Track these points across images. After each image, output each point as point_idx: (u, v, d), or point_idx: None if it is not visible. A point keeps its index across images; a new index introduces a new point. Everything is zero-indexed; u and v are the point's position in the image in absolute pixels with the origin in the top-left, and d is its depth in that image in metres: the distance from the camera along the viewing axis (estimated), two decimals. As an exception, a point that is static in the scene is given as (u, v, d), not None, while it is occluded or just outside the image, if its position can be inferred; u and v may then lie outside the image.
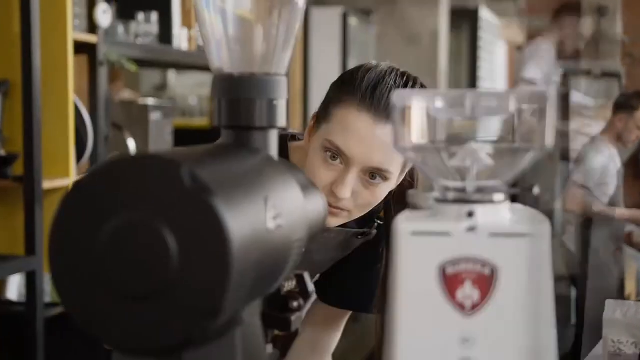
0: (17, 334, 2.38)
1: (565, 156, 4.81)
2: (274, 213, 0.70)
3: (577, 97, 5.03)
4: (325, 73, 4.54)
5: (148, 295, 0.61)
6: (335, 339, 1.53)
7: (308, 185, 0.87)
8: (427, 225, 0.69)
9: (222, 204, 0.61)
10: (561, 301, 4.03)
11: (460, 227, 0.68)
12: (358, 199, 1.27)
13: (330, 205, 1.26)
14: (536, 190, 0.73)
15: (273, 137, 0.83)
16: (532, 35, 9.72)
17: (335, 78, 1.35)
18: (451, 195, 0.71)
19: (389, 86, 1.24)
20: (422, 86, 1.31)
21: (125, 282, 0.61)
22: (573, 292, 4.18)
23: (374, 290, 1.41)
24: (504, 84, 9.15)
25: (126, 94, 3.94)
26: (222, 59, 0.83)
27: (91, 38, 2.62)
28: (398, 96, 0.71)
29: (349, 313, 1.54)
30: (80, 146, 2.57)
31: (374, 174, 1.25)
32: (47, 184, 2.39)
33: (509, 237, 0.67)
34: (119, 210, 0.61)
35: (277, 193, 0.72)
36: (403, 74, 1.29)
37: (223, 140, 0.83)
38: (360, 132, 1.22)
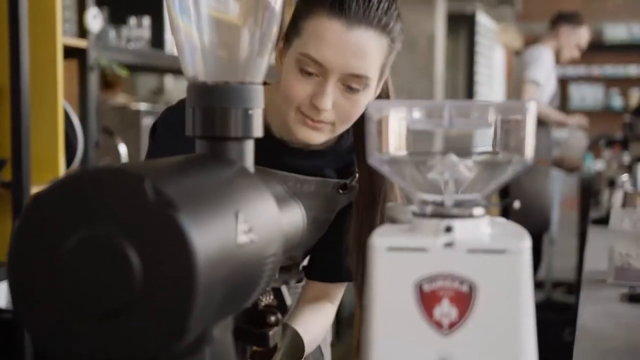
0: (6, 341, 2.35)
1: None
2: (246, 227, 0.67)
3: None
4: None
5: (110, 313, 0.59)
6: (328, 317, 1.47)
7: (284, 197, 0.84)
8: (403, 241, 0.66)
9: (187, 218, 0.58)
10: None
11: (438, 242, 0.66)
12: (339, 110, 1.25)
13: (312, 119, 1.25)
14: (516, 204, 0.71)
15: (249, 147, 0.80)
16: (529, 41, 9.73)
17: None
18: (429, 209, 0.69)
19: None
20: None
21: (86, 300, 0.59)
22: None
23: None
24: (502, 88, 9.14)
25: (121, 99, 3.92)
26: (196, 67, 0.80)
27: (81, 43, 2.60)
28: (373, 107, 0.69)
29: (341, 286, 1.49)
30: (70, 152, 2.54)
31: (352, 84, 1.23)
32: (35, 190, 2.37)
33: (488, 254, 0.65)
34: (80, 224, 0.59)
35: (250, 206, 0.70)
36: None
37: (198, 150, 0.81)
38: (333, 39, 1.20)
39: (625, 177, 3.07)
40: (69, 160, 2.54)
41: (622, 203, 2.90)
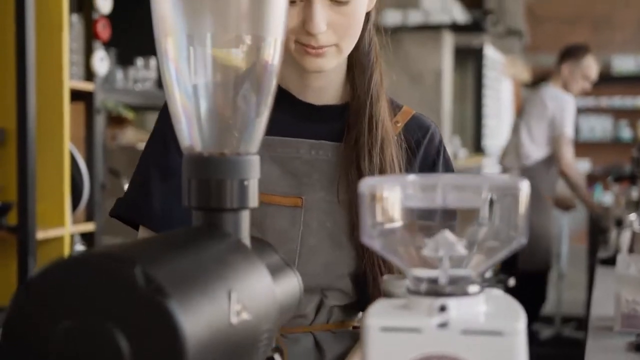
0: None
1: None
2: (239, 307, 0.67)
3: None
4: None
5: (100, 401, 0.58)
6: None
7: (280, 266, 0.84)
8: (397, 321, 0.66)
9: (177, 305, 0.58)
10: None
11: (432, 323, 0.65)
12: (337, 28, 1.16)
13: (312, 47, 1.16)
14: (511, 282, 0.70)
15: (244, 219, 0.80)
16: (537, 72, 9.75)
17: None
18: (423, 286, 0.68)
19: None
20: None
21: (76, 387, 0.58)
22: None
23: None
24: (510, 120, 9.14)
25: (130, 134, 3.93)
26: (192, 138, 0.80)
27: (88, 86, 2.61)
28: (365, 184, 0.69)
29: None
30: (76, 195, 2.55)
31: None
32: (41, 234, 2.37)
33: (483, 335, 0.64)
34: (70, 312, 0.59)
35: (244, 284, 0.69)
36: None
37: (194, 221, 0.80)
38: None
39: (633, 216, 3.05)
40: (75, 204, 2.55)
41: (630, 243, 2.88)
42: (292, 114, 1.27)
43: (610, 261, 2.85)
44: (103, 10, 2.62)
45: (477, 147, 7.27)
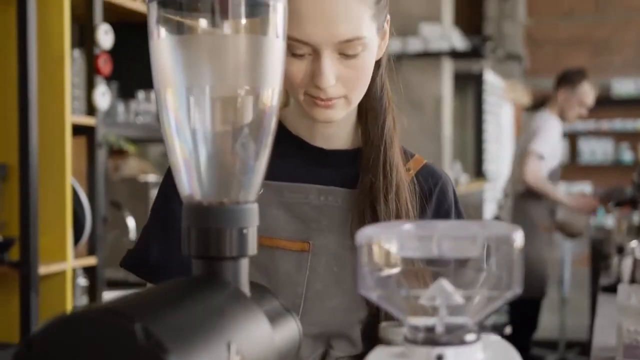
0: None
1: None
2: (238, 358, 0.68)
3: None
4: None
5: None
6: None
7: (279, 312, 0.84)
8: (394, 372, 0.66)
9: (177, 360, 0.59)
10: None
11: (429, 373, 0.66)
12: (346, 81, 1.15)
13: (321, 99, 1.15)
14: (507, 330, 0.71)
15: (244, 267, 0.81)
16: (537, 96, 9.79)
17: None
18: (420, 335, 0.69)
19: None
20: None
21: None
22: None
23: None
24: (510, 145, 9.16)
25: (133, 165, 3.95)
26: (191, 187, 0.81)
27: (89, 120, 2.63)
28: (362, 235, 0.70)
29: None
30: (78, 228, 2.56)
31: (347, 51, 1.13)
32: (43, 269, 2.38)
33: (479, 385, 0.65)
34: (71, 367, 0.60)
35: (242, 334, 0.70)
36: None
37: (193, 269, 0.81)
38: (310, 13, 1.10)
39: (634, 243, 3.06)
40: (77, 237, 2.56)
41: (632, 271, 2.88)
42: (302, 159, 1.26)
43: (612, 288, 2.85)
44: (104, 45, 2.64)
45: (478, 172, 7.28)
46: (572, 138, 9.98)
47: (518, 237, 0.68)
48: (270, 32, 0.80)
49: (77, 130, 2.59)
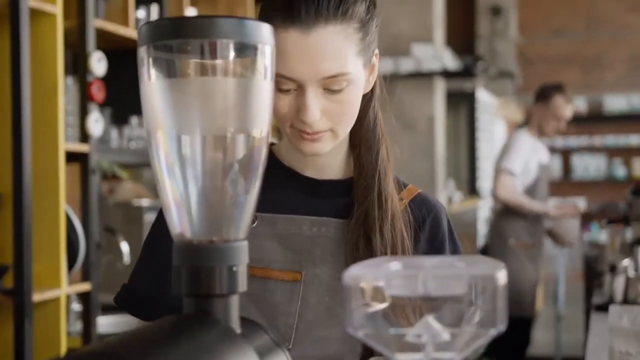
0: None
1: None
2: (228, 397, 0.69)
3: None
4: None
5: None
6: None
7: (270, 347, 0.86)
8: (382, 409, 0.68)
9: (167, 404, 0.60)
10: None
11: (416, 410, 0.67)
12: (331, 115, 1.16)
13: (307, 133, 1.16)
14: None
15: (234, 303, 0.82)
16: (529, 113, 9.84)
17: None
18: (408, 373, 0.70)
19: None
20: None
21: None
22: None
23: None
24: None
25: (128, 187, 3.95)
26: (182, 226, 0.83)
27: (83, 147, 2.65)
28: (349, 274, 0.71)
29: None
30: (72, 255, 2.56)
31: (332, 86, 1.14)
32: (37, 297, 2.38)
33: (465, 422, 0.66)
34: (64, 411, 0.61)
35: (233, 373, 0.71)
36: None
37: (184, 307, 0.83)
38: (295, 50, 1.12)
39: (626, 262, 3.07)
40: (71, 264, 2.56)
41: (624, 290, 2.90)
42: (295, 190, 1.27)
43: (605, 307, 2.86)
44: (97, 72, 2.66)
45: (471, 189, 7.31)
46: (565, 154, 10.04)
47: (501, 276, 0.69)
48: (259, 74, 0.81)
49: (71, 157, 2.60)
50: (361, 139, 1.27)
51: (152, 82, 0.81)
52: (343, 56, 1.13)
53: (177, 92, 0.81)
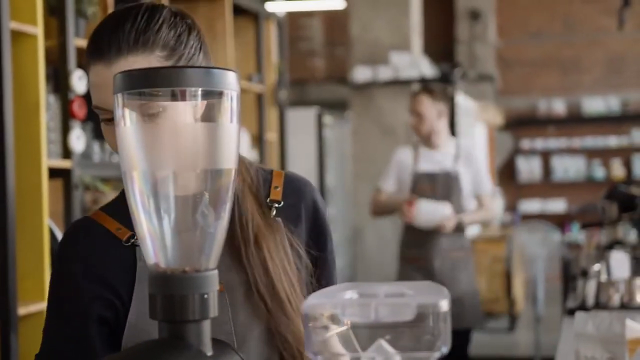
0: None
1: None
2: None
3: None
4: (303, 170, 4.65)
5: None
6: None
7: (241, 368, 0.93)
8: None
9: None
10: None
11: None
12: None
13: None
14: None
15: (206, 328, 0.89)
16: (510, 115, 9.95)
17: (313, 174, 1.36)
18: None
19: (116, 20, 1.20)
20: (174, 16, 1.22)
21: None
22: None
23: None
24: (484, 164, 9.28)
25: (111, 197, 4.00)
26: (157, 256, 0.90)
27: (65, 163, 2.71)
28: (308, 305, 0.78)
29: None
30: (56, 268, 2.62)
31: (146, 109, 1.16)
32: (22, 310, 2.44)
33: None
34: None
35: (203, 395, 0.78)
36: (130, 7, 1.21)
37: (159, 332, 0.90)
38: (101, 81, 1.18)
39: (597, 267, 3.15)
40: (55, 277, 2.62)
41: (596, 294, 2.97)
42: None
43: (576, 311, 2.94)
44: (78, 90, 2.73)
45: (452, 193, 7.38)
46: (545, 156, 10.16)
47: (444, 304, 0.76)
48: (225, 117, 0.88)
49: (54, 172, 2.66)
50: None
51: (127, 127, 0.88)
52: None
53: (150, 135, 0.88)
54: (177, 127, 0.89)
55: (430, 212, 3.97)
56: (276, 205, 1.30)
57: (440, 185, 4.06)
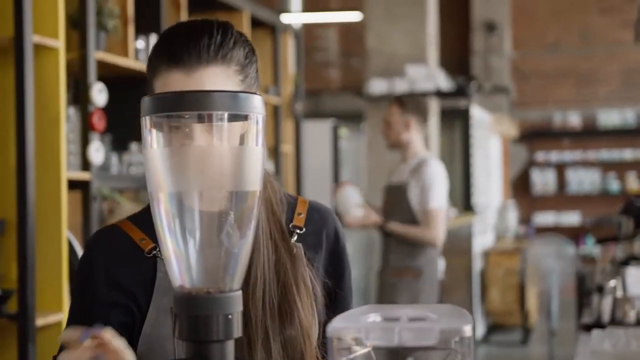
0: None
1: None
2: None
3: None
4: (318, 183, 4.67)
5: None
6: None
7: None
8: None
9: None
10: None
11: None
12: None
13: None
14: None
15: (229, 348, 0.90)
16: (525, 127, 9.94)
17: (327, 187, 1.37)
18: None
19: (192, 31, 1.22)
20: (236, 34, 1.24)
21: None
22: None
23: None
24: (499, 176, 9.28)
25: (127, 207, 4.02)
26: (182, 278, 0.91)
27: (84, 175, 2.73)
28: (332, 328, 0.79)
29: None
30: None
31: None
32: (40, 321, 2.46)
33: None
34: None
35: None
36: (203, 21, 1.24)
37: (184, 352, 0.91)
38: (177, 88, 1.19)
39: (613, 282, 3.14)
40: (73, 288, 2.64)
41: (612, 310, 2.96)
42: None
43: (592, 327, 2.93)
44: (98, 103, 2.75)
45: (466, 205, 7.38)
46: (560, 168, 10.13)
47: (468, 329, 0.77)
48: (251, 140, 0.90)
49: (73, 184, 2.68)
50: None
51: (154, 149, 0.89)
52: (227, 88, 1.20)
53: (176, 158, 0.90)
54: (203, 150, 0.90)
55: (345, 198, 3.96)
56: (297, 231, 1.32)
57: (391, 197, 4.00)
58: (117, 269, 1.26)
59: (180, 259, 0.91)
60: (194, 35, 1.20)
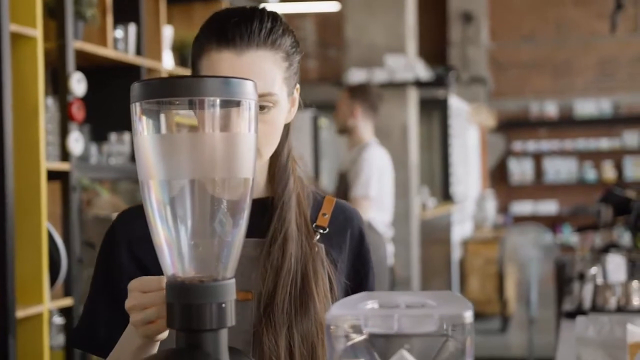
0: None
1: None
2: None
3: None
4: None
5: None
6: None
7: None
8: None
9: None
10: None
11: None
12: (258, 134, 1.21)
13: None
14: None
15: (223, 337, 0.89)
16: (502, 118, 9.98)
17: (309, 178, 1.38)
18: (383, 403, 0.77)
19: (243, 15, 1.24)
20: (278, 20, 1.27)
21: None
22: None
23: None
24: (477, 166, 9.32)
25: (106, 199, 3.98)
26: (174, 266, 0.90)
27: (64, 166, 2.70)
28: (332, 316, 0.78)
29: None
30: (54, 271, 2.61)
31: (260, 103, 1.18)
32: (20, 313, 2.43)
33: None
34: None
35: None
36: (253, 8, 1.27)
37: (177, 341, 0.89)
38: (226, 68, 1.20)
39: (594, 270, 3.16)
40: (53, 279, 2.61)
41: (593, 297, 2.98)
42: None
43: (574, 315, 2.94)
44: (77, 93, 2.72)
45: (445, 195, 7.41)
46: (537, 158, 10.18)
47: (468, 315, 0.76)
48: (243, 126, 0.88)
49: (52, 175, 2.65)
50: (276, 170, 1.32)
51: (144, 136, 0.87)
52: (271, 78, 1.23)
53: (167, 145, 0.88)
54: (194, 136, 0.89)
55: None
56: (321, 231, 1.31)
57: (339, 185, 4.06)
58: (140, 246, 1.25)
59: (172, 248, 0.89)
60: (246, 19, 1.22)
